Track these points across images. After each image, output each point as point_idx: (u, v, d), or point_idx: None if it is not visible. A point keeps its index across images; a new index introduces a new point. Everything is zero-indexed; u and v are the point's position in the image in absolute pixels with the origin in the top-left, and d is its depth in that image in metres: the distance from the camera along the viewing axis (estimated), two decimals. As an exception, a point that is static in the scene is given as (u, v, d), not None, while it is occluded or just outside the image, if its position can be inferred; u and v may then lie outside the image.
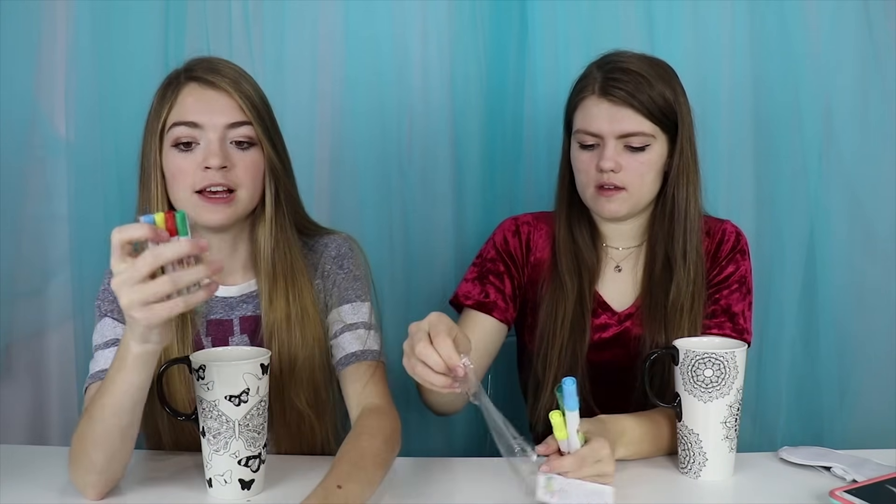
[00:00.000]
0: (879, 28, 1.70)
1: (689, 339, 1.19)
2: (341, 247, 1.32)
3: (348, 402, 1.23)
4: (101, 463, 1.04)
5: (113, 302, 1.24)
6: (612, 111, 1.27)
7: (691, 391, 1.11)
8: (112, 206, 1.67)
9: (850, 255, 1.74)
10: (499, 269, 1.39)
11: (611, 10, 1.69)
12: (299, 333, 1.23)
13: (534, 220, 1.43)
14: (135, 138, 1.47)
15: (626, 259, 1.39)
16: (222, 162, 1.15)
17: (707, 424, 1.11)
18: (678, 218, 1.32)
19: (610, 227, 1.38)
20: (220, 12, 1.69)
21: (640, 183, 1.29)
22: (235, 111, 1.18)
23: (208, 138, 1.16)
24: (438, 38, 1.71)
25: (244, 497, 1.06)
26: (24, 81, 1.67)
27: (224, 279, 1.27)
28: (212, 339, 1.26)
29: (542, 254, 1.40)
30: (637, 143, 1.28)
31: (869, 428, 1.73)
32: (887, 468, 1.11)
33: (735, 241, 1.35)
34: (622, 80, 1.27)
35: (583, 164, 1.31)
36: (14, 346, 1.73)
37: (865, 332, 1.75)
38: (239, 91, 1.19)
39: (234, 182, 1.17)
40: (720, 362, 1.10)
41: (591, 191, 1.31)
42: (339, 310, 1.27)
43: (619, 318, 1.37)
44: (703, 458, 1.12)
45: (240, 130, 1.18)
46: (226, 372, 1.04)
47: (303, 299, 1.24)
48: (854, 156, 1.73)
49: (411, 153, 1.73)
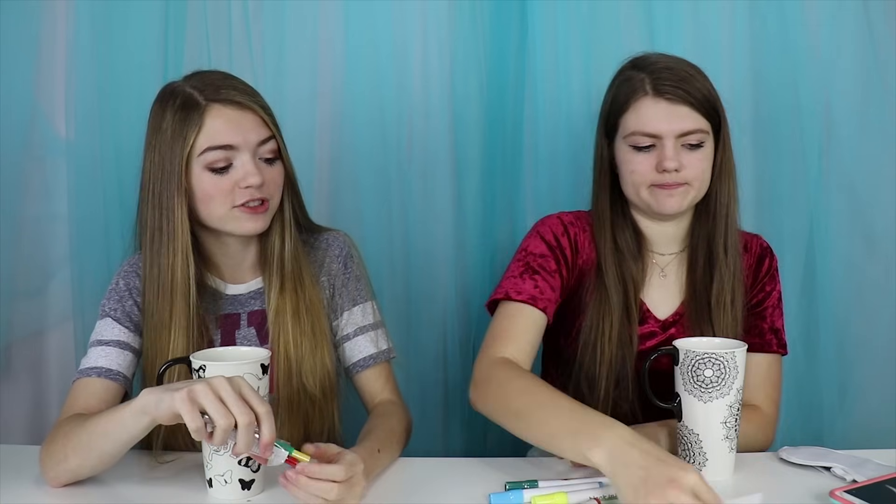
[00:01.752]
0: (879, 28, 1.70)
1: (688, 339, 1.19)
2: (344, 246, 1.37)
3: (364, 398, 1.35)
4: (73, 466, 1.08)
5: (118, 302, 1.27)
6: (669, 110, 1.26)
7: (691, 391, 1.12)
8: (112, 206, 1.67)
9: (849, 255, 1.75)
10: (550, 267, 1.33)
11: (611, 10, 1.69)
12: (308, 324, 1.29)
13: (576, 220, 1.39)
14: (135, 138, 1.47)
15: (670, 265, 1.38)
16: (261, 181, 1.21)
17: (707, 424, 1.11)
18: (720, 213, 1.33)
19: (656, 231, 1.37)
20: (220, 12, 1.69)
21: (702, 178, 1.30)
22: (262, 128, 1.23)
23: (243, 159, 1.21)
24: (438, 39, 1.70)
25: (244, 497, 1.07)
26: (24, 81, 1.67)
27: (234, 278, 1.33)
28: (220, 333, 1.30)
29: (588, 257, 1.37)
30: (695, 141, 1.28)
31: (869, 428, 1.73)
32: (887, 468, 1.11)
33: (770, 258, 1.40)
34: (673, 78, 1.27)
35: (639, 165, 1.29)
36: (14, 346, 1.73)
37: (865, 331, 1.75)
38: (260, 106, 1.23)
39: (267, 194, 1.23)
40: (720, 362, 1.10)
41: (647, 189, 1.29)
42: (350, 312, 1.35)
43: (663, 325, 1.36)
44: (703, 458, 1.12)
45: (267, 146, 1.24)
46: (226, 372, 1.03)
47: (309, 293, 1.30)
48: (854, 156, 1.73)
49: (411, 153, 1.73)
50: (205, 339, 1.26)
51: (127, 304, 1.27)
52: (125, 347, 1.25)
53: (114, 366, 1.22)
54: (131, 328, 1.26)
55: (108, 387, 1.21)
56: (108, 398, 1.20)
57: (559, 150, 1.71)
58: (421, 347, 1.73)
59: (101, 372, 1.22)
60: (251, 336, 1.31)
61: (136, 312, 1.27)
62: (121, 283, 1.29)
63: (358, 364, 1.33)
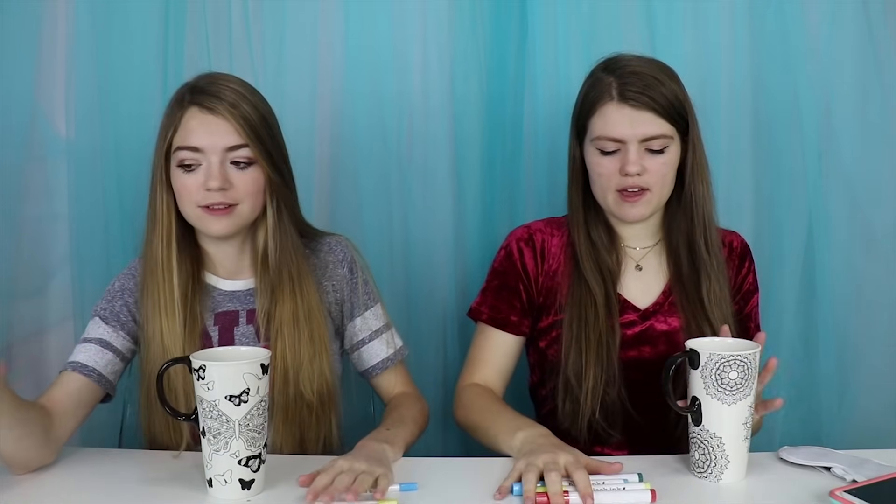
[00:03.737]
0: (879, 28, 1.70)
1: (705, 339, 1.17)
2: (347, 251, 1.39)
3: (382, 395, 1.42)
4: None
5: (108, 302, 1.33)
6: (633, 115, 1.29)
7: (714, 394, 1.08)
8: (112, 206, 1.67)
9: (849, 256, 1.74)
10: (510, 284, 1.40)
11: (611, 10, 1.69)
12: (306, 331, 1.30)
13: (546, 227, 1.43)
14: (135, 138, 1.47)
15: (646, 258, 1.40)
16: (221, 184, 1.24)
17: (730, 427, 1.09)
18: (697, 214, 1.35)
19: (626, 228, 1.40)
20: (220, 13, 1.69)
21: (662, 183, 1.32)
22: (233, 135, 1.25)
23: (209, 161, 1.24)
24: (438, 39, 1.70)
25: (244, 497, 1.07)
26: (24, 81, 1.67)
27: (231, 275, 1.35)
28: (218, 329, 1.32)
29: (557, 262, 1.40)
30: (658, 146, 1.30)
31: (868, 428, 1.73)
32: (887, 468, 1.10)
33: (750, 255, 1.44)
34: (638, 83, 1.29)
35: (605, 168, 1.32)
36: (14, 346, 1.72)
37: (865, 332, 1.75)
38: (237, 114, 1.25)
39: (233, 199, 1.26)
40: (745, 363, 1.07)
41: (613, 196, 1.32)
42: (363, 318, 1.39)
43: (643, 314, 1.38)
44: (724, 461, 1.10)
45: (238, 152, 1.26)
46: (226, 372, 1.04)
47: (309, 299, 1.31)
48: (854, 156, 1.73)
49: (411, 153, 1.73)
50: (197, 329, 1.29)
51: (116, 304, 1.32)
52: (106, 346, 1.29)
53: (90, 362, 1.27)
54: (117, 328, 1.30)
55: (80, 383, 1.25)
56: (76, 395, 1.24)
57: (559, 150, 1.70)
58: (421, 347, 1.72)
59: (76, 367, 1.26)
60: (249, 334, 1.32)
61: (126, 313, 1.31)
62: (115, 284, 1.34)
63: (376, 367, 1.39)
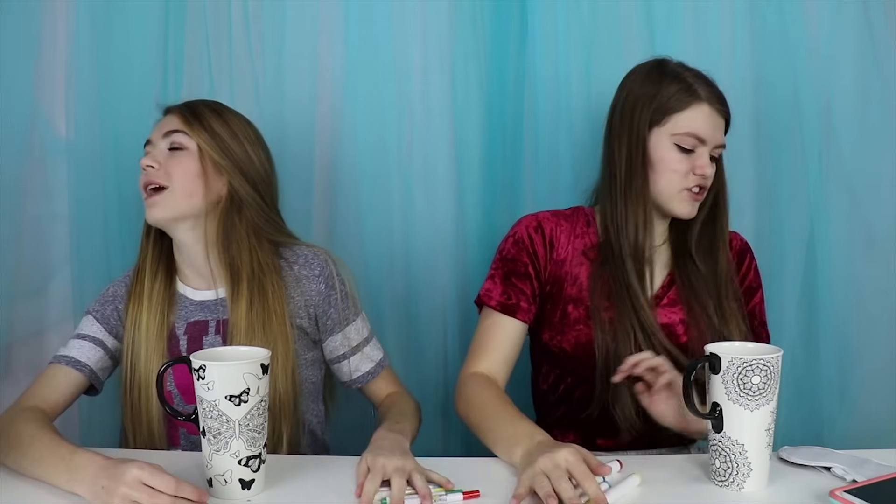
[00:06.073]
0: (879, 28, 1.70)
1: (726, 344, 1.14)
2: (324, 266, 1.39)
3: (372, 401, 1.46)
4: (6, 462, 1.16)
5: (101, 305, 1.39)
6: (717, 123, 1.36)
7: (736, 400, 1.05)
8: (112, 206, 1.67)
9: (849, 256, 1.74)
10: (520, 270, 1.40)
11: (611, 10, 1.69)
12: (262, 336, 1.30)
13: (553, 217, 1.44)
14: (134, 138, 1.47)
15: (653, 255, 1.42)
16: (150, 162, 1.33)
17: (753, 434, 1.06)
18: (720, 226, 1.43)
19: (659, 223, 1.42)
20: (220, 12, 1.69)
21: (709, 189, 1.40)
22: (175, 123, 1.35)
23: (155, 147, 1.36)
24: (438, 39, 1.70)
25: (244, 497, 1.07)
26: (24, 81, 1.67)
27: (199, 285, 1.39)
28: (188, 338, 1.35)
29: (566, 251, 1.41)
30: (718, 154, 1.39)
31: (869, 428, 1.73)
32: (887, 468, 1.11)
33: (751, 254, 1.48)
34: (721, 97, 1.37)
35: (679, 164, 1.35)
36: (14, 346, 1.72)
37: (865, 332, 1.75)
38: (187, 110, 1.36)
39: (162, 179, 1.32)
40: (768, 368, 1.05)
41: (682, 192, 1.36)
42: (343, 334, 1.40)
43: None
44: (747, 469, 1.07)
45: (173, 137, 1.35)
46: (226, 372, 1.04)
47: (268, 304, 1.32)
48: (854, 156, 1.73)
49: (411, 153, 1.72)
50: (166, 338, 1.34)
51: (108, 308, 1.39)
52: (98, 344, 1.35)
53: (83, 358, 1.33)
54: (108, 329, 1.37)
55: (72, 378, 1.31)
56: (68, 390, 1.31)
57: (559, 149, 1.71)
58: (421, 347, 1.72)
59: (70, 361, 1.32)
60: (217, 343, 1.34)
61: (116, 317, 1.37)
62: (109, 289, 1.42)
63: (358, 381, 1.44)
